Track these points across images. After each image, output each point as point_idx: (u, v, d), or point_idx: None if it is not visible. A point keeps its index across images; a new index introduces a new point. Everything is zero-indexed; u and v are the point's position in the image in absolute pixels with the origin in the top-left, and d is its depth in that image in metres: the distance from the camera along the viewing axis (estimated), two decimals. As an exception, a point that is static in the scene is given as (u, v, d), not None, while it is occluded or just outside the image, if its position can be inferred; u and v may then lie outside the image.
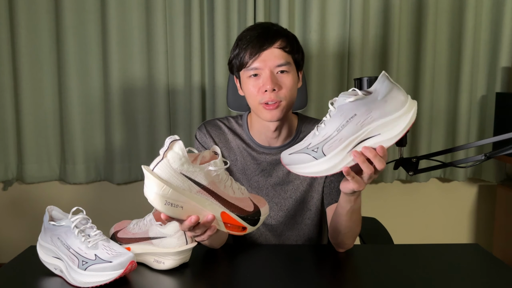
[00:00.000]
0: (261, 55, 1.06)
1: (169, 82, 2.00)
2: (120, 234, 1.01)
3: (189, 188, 0.74)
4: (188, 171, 0.74)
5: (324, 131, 0.83)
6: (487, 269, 0.98)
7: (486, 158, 0.91)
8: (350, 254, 1.05)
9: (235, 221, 0.80)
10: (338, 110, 0.82)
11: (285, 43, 1.08)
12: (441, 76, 2.05)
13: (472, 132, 2.08)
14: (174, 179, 0.73)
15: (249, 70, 1.07)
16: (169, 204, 0.73)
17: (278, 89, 1.06)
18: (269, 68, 1.06)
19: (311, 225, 1.21)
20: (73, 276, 0.86)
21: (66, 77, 1.95)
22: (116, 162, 2.01)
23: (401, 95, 0.80)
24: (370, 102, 0.80)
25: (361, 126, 0.80)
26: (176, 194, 0.73)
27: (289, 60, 1.08)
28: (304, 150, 0.84)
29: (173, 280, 0.92)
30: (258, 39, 1.07)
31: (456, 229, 2.24)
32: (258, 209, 0.83)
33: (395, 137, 0.80)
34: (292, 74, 1.09)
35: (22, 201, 2.13)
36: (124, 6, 1.94)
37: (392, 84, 0.81)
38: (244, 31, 1.12)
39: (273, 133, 1.14)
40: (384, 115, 0.80)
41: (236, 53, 1.10)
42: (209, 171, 0.76)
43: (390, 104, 0.80)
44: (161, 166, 0.73)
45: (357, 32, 1.94)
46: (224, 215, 0.79)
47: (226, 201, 0.79)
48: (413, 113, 0.80)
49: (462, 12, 1.98)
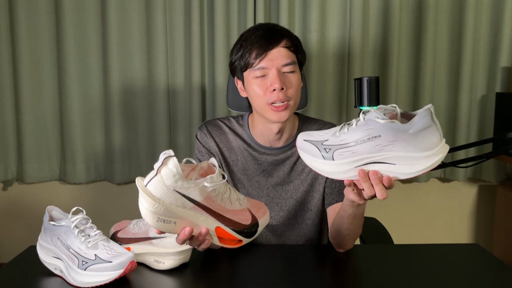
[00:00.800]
0: (268, 54, 1.05)
1: (169, 82, 2.00)
2: (120, 234, 1.01)
3: (183, 205, 0.73)
4: (182, 188, 0.72)
5: (344, 136, 0.80)
6: (487, 269, 0.98)
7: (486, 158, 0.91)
8: (350, 254, 1.05)
9: (230, 235, 0.78)
10: (366, 123, 0.79)
11: (290, 42, 1.08)
12: (441, 76, 2.05)
13: (472, 132, 2.08)
14: (167, 196, 0.71)
15: (256, 70, 1.07)
16: (162, 220, 0.72)
17: (286, 89, 1.06)
18: (276, 67, 1.05)
19: (311, 225, 1.21)
20: (73, 276, 0.86)
21: (66, 77, 1.95)
22: (116, 162, 2.01)
23: (435, 136, 0.76)
24: (400, 131, 0.76)
25: (379, 149, 0.77)
26: (168, 211, 0.72)
27: (294, 59, 1.08)
28: (318, 144, 0.82)
29: (173, 280, 0.92)
30: (264, 38, 1.06)
31: (456, 229, 2.24)
32: (256, 221, 0.81)
33: (408, 175, 0.77)
34: (297, 73, 1.09)
35: (22, 201, 2.13)
36: (124, 6, 1.94)
37: (432, 122, 0.75)
38: (245, 32, 1.12)
39: (276, 135, 1.14)
40: (408, 150, 0.76)
41: (240, 54, 1.09)
42: (204, 186, 0.73)
43: (419, 141, 0.75)
44: (154, 182, 0.71)
45: (357, 32, 1.94)
46: (219, 230, 0.77)
47: (222, 216, 0.76)
48: (439, 158, 0.76)
49: (462, 12, 1.98)
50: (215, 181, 0.74)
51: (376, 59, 2.00)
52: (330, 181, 1.17)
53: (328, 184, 1.17)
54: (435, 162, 0.76)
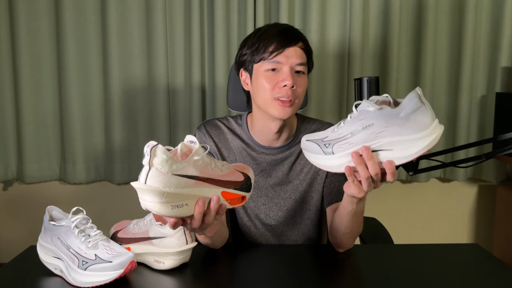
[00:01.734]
0: (285, 50, 1.07)
1: (169, 82, 2.00)
2: (120, 234, 1.01)
3: (186, 185, 0.74)
4: (179, 170, 0.73)
5: (341, 130, 0.84)
6: (487, 269, 0.98)
7: (486, 158, 0.91)
8: (350, 254, 1.05)
9: (234, 195, 0.82)
10: (359, 114, 0.82)
11: (305, 45, 1.11)
12: (441, 76, 2.05)
13: (472, 132, 2.08)
14: (169, 183, 0.72)
15: (270, 63, 1.07)
16: (176, 207, 0.74)
17: (296, 87, 1.07)
18: (290, 64, 1.07)
19: (310, 225, 1.21)
20: (73, 276, 0.86)
21: (66, 77, 1.95)
22: (116, 162, 2.01)
23: (426, 117, 0.77)
24: (391, 116, 0.77)
25: (374, 137, 0.79)
26: (178, 195, 0.73)
27: (306, 62, 1.10)
28: (319, 141, 0.86)
29: (173, 280, 0.92)
30: (284, 35, 1.08)
31: (456, 229, 2.24)
32: (246, 176, 0.85)
33: (406, 158, 0.78)
34: (306, 77, 1.11)
35: (22, 201, 2.13)
36: (124, 6, 1.94)
37: (420, 104, 0.77)
38: (263, 27, 1.13)
39: (275, 134, 1.14)
40: (401, 133, 0.77)
41: (256, 46, 1.09)
42: (195, 161, 0.75)
43: (410, 124, 0.76)
44: (152, 175, 0.71)
45: (357, 32, 1.94)
46: (225, 194, 0.81)
47: (221, 181, 0.80)
48: (433, 138, 0.76)
49: (462, 12, 1.98)
50: (201, 152, 0.77)
51: (376, 59, 2.00)
52: (329, 181, 1.17)
53: (327, 184, 1.18)
54: (431, 142, 0.76)
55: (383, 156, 0.80)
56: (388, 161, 0.79)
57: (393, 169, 0.80)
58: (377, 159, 0.80)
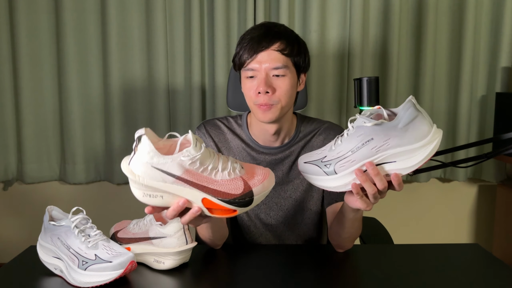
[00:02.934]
0: (258, 56, 1.05)
1: (169, 82, 2.00)
2: (120, 234, 1.01)
3: (163, 180, 0.74)
4: (159, 164, 0.72)
5: (340, 148, 0.82)
6: (487, 269, 0.98)
7: (486, 158, 0.91)
8: (350, 254, 1.05)
9: (219, 206, 0.76)
10: (356, 130, 0.80)
11: (284, 45, 1.06)
12: (441, 76, 2.05)
13: (472, 132, 2.08)
14: (146, 173, 0.73)
15: (246, 71, 1.07)
16: (148, 195, 0.75)
17: (272, 92, 1.05)
18: (265, 70, 1.05)
19: (311, 224, 1.21)
20: (73, 276, 0.86)
21: (66, 77, 1.95)
22: (116, 162, 2.01)
23: (424, 124, 0.77)
24: (390, 129, 0.77)
25: (376, 152, 0.79)
26: (151, 186, 0.74)
27: (286, 63, 1.06)
28: (318, 162, 0.84)
29: (173, 280, 0.92)
30: (256, 40, 1.06)
31: (456, 229, 2.24)
32: (249, 190, 0.77)
33: (410, 168, 0.79)
34: (290, 77, 1.07)
35: (22, 201, 2.13)
36: (124, 6, 1.94)
37: (417, 112, 0.77)
38: (249, 29, 1.12)
39: (272, 136, 1.15)
40: (402, 144, 0.77)
41: (237, 51, 1.09)
42: (181, 160, 0.73)
43: (410, 134, 0.77)
44: (134, 161, 0.74)
45: (357, 32, 1.94)
46: (206, 201, 0.76)
47: (206, 187, 0.75)
48: (434, 145, 0.77)
49: (462, 12, 1.98)
50: (192, 154, 0.73)
51: (376, 59, 2.00)
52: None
53: (328, 184, 1.17)
54: (433, 149, 0.77)
55: (387, 169, 0.80)
56: (395, 174, 0.79)
57: (400, 180, 0.80)
58: (382, 172, 0.80)
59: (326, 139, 1.19)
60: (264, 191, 0.78)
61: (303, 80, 1.14)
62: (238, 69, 1.11)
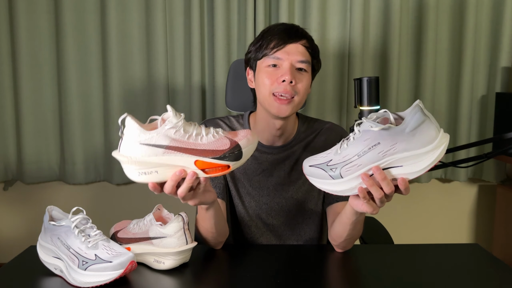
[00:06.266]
0: (286, 47, 1.07)
1: (169, 82, 2.00)
2: (120, 234, 1.01)
3: (155, 153, 0.78)
4: (146, 139, 0.77)
5: (345, 152, 0.81)
6: (487, 269, 0.98)
7: (486, 158, 0.91)
8: (350, 254, 1.05)
9: (212, 164, 0.80)
10: (362, 134, 0.80)
11: (309, 44, 1.10)
12: (441, 76, 2.05)
13: (472, 132, 2.08)
14: (136, 151, 0.77)
15: (270, 59, 1.08)
16: (143, 173, 0.78)
17: (295, 83, 1.06)
18: (291, 61, 1.06)
19: (312, 224, 1.21)
20: (73, 276, 0.86)
21: (65, 77, 1.95)
22: (116, 163, 2.01)
23: (431, 129, 0.77)
24: (397, 134, 0.77)
25: (382, 156, 0.78)
26: (144, 163, 0.78)
27: (309, 60, 1.09)
28: (324, 166, 0.83)
29: (173, 280, 0.92)
30: (286, 32, 1.09)
31: (456, 229, 2.24)
32: (235, 144, 0.81)
33: (417, 172, 0.78)
34: (308, 75, 1.10)
35: (22, 201, 2.13)
36: (124, 6, 1.94)
37: (424, 117, 0.77)
38: (272, 25, 1.14)
39: (277, 131, 1.14)
40: (409, 149, 0.77)
41: (259, 44, 1.10)
42: (166, 131, 0.78)
43: (417, 138, 0.77)
44: (123, 144, 0.78)
45: (357, 32, 1.94)
46: (199, 163, 0.80)
47: (196, 150, 0.79)
48: (441, 149, 0.77)
49: (463, 12, 1.98)
50: (174, 122, 0.79)
51: (377, 59, 2.00)
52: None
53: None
54: (440, 153, 0.77)
55: (394, 173, 0.79)
56: (402, 178, 0.79)
57: (407, 185, 0.80)
58: (389, 176, 0.80)
59: (327, 140, 1.19)
60: (250, 145, 0.83)
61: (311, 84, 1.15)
62: (258, 59, 1.11)
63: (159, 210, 1.01)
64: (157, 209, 1.00)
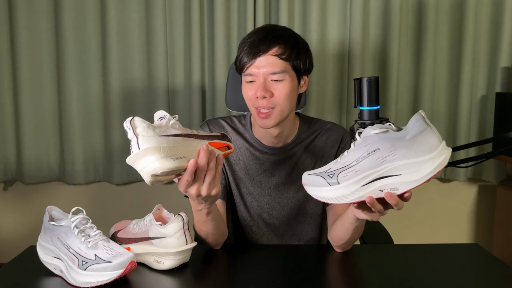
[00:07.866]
0: (256, 61, 1.04)
1: (169, 82, 2.00)
2: (120, 234, 1.01)
3: (176, 141, 0.79)
4: (162, 132, 0.78)
5: (345, 159, 0.80)
6: (487, 269, 0.98)
7: (486, 158, 0.91)
8: (350, 254, 1.05)
9: (221, 144, 0.90)
10: (363, 140, 0.79)
11: (282, 49, 1.04)
12: (441, 76, 2.05)
13: (472, 132, 2.08)
14: (161, 141, 0.76)
15: (246, 76, 1.07)
16: (176, 158, 0.78)
17: (270, 96, 1.04)
18: (263, 75, 1.04)
19: (313, 224, 1.21)
20: (73, 276, 0.86)
21: (65, 77, 1.95)
22: (116, 163, 2.01)
23: (433, 138, 0.76)
24: (397, 139, 0.76)
25: (381, 162, 0.76)
26: (173, 148, 0.78)
27: (285, 67, 1.05)
28: (322, 173, 0.81)
29: (173, 280, 0.92)
30: (255, 45, 1.05)
31: (456, 229, 2.24)
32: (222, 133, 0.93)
33: (415, 182, 0.76)
34: (289, 81, 1.06)
35: (22, 201, 2.13)
36: (124, 6, 1.94)
37: (426, 125, 0.76)
38: (249, 33, 1.11)
39: (275, 138, 1.15)
40: (409, 156, 0.75)
41: (237, 56, 1.09)
42: (173, 124, 0.81)
43: (418, 146, 0.75)
44: (142, 141, 0.75)
45: (357, 32, 1.94)
46: (212, 144, 0.87)
47: (204, 136, 0.86)
48: (442, 160, 0.75)
49: (462, 12, 1.98)
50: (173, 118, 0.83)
51: (376, 59, 2.00)
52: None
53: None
54: (440, 164, 0.75)
55: (391, 182, 0.77)
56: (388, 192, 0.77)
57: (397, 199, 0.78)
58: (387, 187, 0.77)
59: (328, 140, 1.19)
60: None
61: (305, 81, 1.13)
62: (239, 73, 1.11)
63: (159, 210, 1.01)
64: (157, 209, 1.00)
